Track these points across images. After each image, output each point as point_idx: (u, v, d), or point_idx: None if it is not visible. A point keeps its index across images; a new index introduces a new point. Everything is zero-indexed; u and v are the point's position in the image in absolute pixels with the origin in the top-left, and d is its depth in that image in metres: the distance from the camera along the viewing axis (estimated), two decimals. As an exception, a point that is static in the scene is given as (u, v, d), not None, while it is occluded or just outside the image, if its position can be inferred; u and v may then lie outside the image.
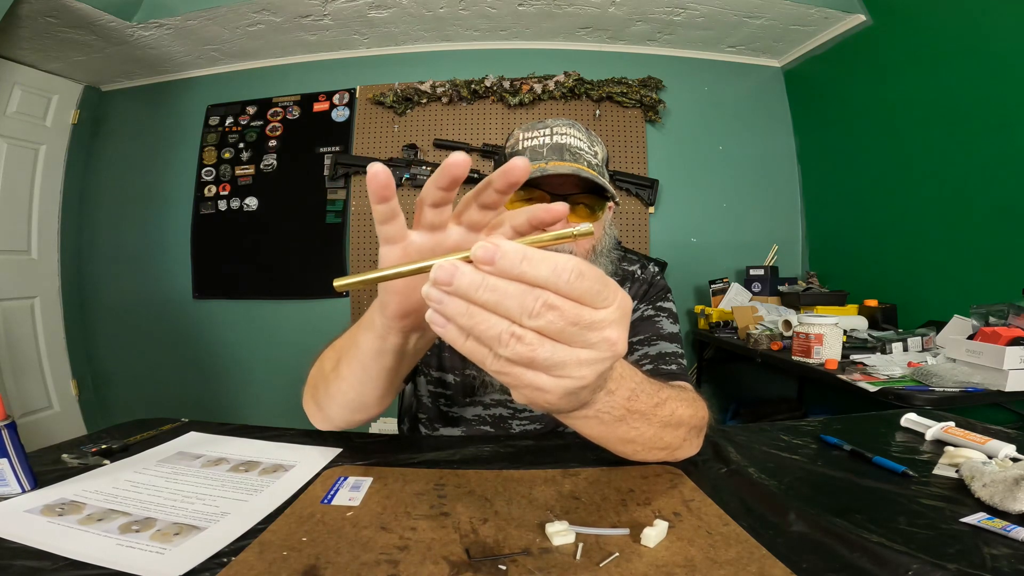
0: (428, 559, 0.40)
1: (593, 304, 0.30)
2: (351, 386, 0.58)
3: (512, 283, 0.29)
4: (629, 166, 2.64)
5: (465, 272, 0.29)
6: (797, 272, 2.71)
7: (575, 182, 0.73)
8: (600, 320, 0.30)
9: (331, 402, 0.62)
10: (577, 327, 0.30)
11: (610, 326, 0.31)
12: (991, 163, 1.74)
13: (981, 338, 1.40)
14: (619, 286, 0.32)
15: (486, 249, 0.28)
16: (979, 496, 0.50)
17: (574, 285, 0.29)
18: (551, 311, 0.29)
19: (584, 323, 0.30)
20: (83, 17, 2.11)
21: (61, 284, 2.70)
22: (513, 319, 0.29)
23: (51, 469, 0.57)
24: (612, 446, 0.54)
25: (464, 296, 0.29)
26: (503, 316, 0.29)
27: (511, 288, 0.29)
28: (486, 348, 0.30)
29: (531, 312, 0.29)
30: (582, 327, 0.30)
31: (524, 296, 0.29)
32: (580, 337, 0.30)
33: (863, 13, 2.20)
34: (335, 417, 0.63)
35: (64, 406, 2.65)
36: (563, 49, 2.67)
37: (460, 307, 0.29)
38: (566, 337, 0.30)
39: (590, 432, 0.49)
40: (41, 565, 0.39)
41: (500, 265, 0.28)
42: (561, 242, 0.33)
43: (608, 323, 0.30)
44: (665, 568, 0.39)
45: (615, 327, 0.31)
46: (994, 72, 1.71)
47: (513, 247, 0.28)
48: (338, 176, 2.63)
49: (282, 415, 2.59)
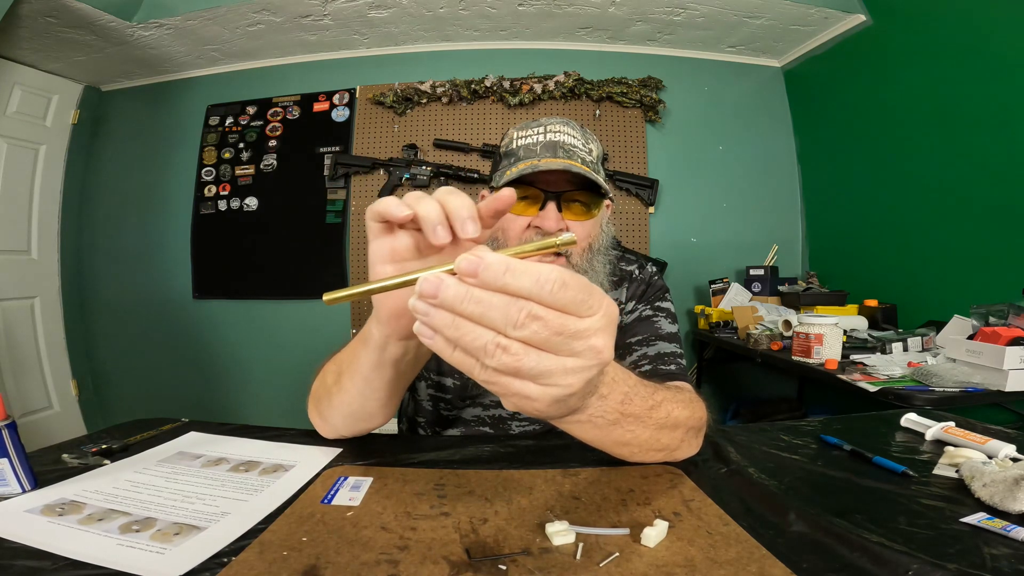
0: (428, 559, 0.40)
1: (578, 313, 0.30)
2: (353, 398, 0.59)
3: (496, 295, 0.29)
4: (629, 166, 2.64)
5: (450, 285, 0.29)
6: (797, 272, 2.71)
7: (568, 179, 0.73)
8: (585, 329, 0.30)
9: (334, 413, 0.62)
10: (562, 336, 0.30)
11: (595, 334, 0.31)
12: (991, 163, 1.74)
13: (981, 338, 1.40)
14: (604, 294, 0.32)
15: (469, 261, 0.29)
16: (979, 496, 0.50)
17: (557, 295, 0.29)
18: (535, 321, 0.29)
19: (569, 332, 0.30)
20: (83, 17, 2.11)
21: (61, 284, 2.70)
22: (498, 330, 0.30)
23: (51, 469, 0.57)
24: (608, 449, 0.54)
25: (449, 308, 0.29)
26: (488, 327, 0.30)
27: (495, 300, 0.29)
28: (473, 359, 0.31)
29: (515, 323, 0.29)
30: (567, 336, 0.30)
31: (508, 307, 0.29)
32: (566, 346, 0.31)
33: (863, 13, 2.20)
34: (340, 427, 0.64)
35: (64, 406, 2.65)
36: (563, 49, 2.67)
37: (446, 319, 0.30)
38: (552, 346, 0.30)
39: (585, 436, 0.49)
40: (41, 565, 0.39)
41: (483, 277, 0.29)
42: (544, 252, 0.33)
43: (593, 331, 0.31)
44: (665, 568, 0.39)
45: (601, 335, 0.31)
46: (994, 72, 1.71)
47: (496, 258, 0.29)
48: (338, 176, 2.63)
49: (282, 415, 2.59)
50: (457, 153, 2.61)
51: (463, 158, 2.61)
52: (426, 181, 2.57)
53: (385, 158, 2.61)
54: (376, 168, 2.61)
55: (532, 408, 0.33)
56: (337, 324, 2.64)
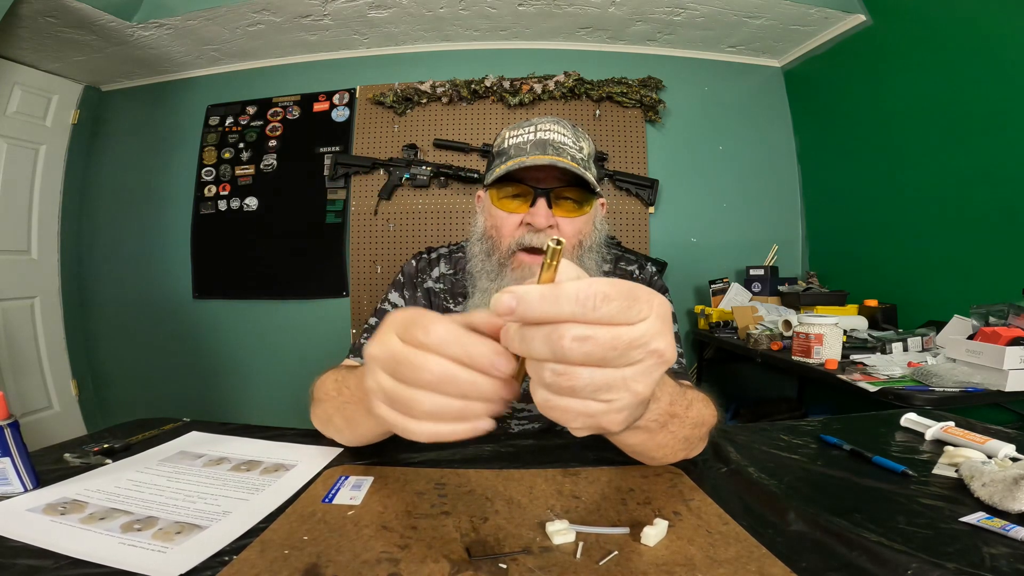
0: (429, 558, 0.40)
1: (628, 321, 0.29)
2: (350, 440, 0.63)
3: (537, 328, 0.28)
4: (629, 166, 2.64)
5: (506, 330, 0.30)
6: (797, 272, 2.71)
7: (557, 175, 0.74)
8: (640, 336, 0.29)
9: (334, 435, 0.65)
10: (617, 350, 0.29)
11: (653, 338, 0.29)
12: (991, 163, 1.74)
13: (981, 338, 1.40)
14: (652, 292, 0.30)
15: (503, 301, 0.28)
16: (978, 496, 0.50)
17: (602, 311, 0.28)
18: (584, 343, 0.28)
19: (623, 344, 0.29)
20: (83, 17, 2.11)
21: (61, 284, 2.70)
22: (547, 360, 0.29)
23: (53, 468, 0.57)
24: (648, 452, 0.54)
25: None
26: (540, 360, 0.29)
27: (536, 334, 0.28)
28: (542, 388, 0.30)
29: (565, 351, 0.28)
30: (623, 349, 0.29)
31: (549, 337, 0.28)
32: (623, 358, 0.29)
33: (863, 13, 2.20)
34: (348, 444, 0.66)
35: (64, 406, 2.65)
36: (563, 49, 2.67)
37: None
38: (608, 362, 0.29)
39: (633, 442, 0.50)
40: (43, 564, 0.39)
41: (521, 312, 0.28)
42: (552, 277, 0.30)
43: (650, 335, 0.29)
44: (665, 567, 0.39)
45: (658, 337, 0.30)
46: (994, 72, 1.71)
47: (528, 291, 0.28)
48: (338, 176, 2.63)
49: (283, 415, 2.59)
50: (457, 153, 2.61)
51: (463, 158, 2.61)
52: (426, 181, 2.57)
53: (385, 158, 2.61)
54: (376, 168, 2.61)
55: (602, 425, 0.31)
56: (337, 324, 2.64)
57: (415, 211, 2.61)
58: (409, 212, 2.61)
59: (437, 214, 2.61)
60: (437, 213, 2.61)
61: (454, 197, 2.61)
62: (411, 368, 0.31)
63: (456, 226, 2.61)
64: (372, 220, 2.62)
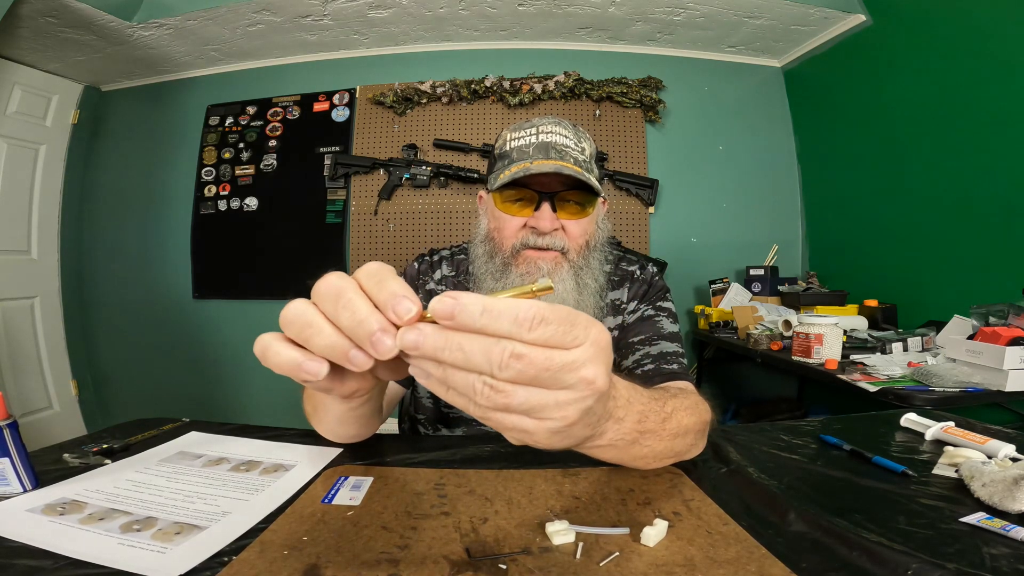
0: (428, 558, 0.40)
1: (563, 345, 0.29)
2: (333, 428, 0.61)
3: (476, 338, 0.28)
4: (629, 166, 2.64)
5: (428, 335, 0.29)
6: (797, 272, 2.71)
7: (561, 179, 0.74)
8: (572, 361, 0.30)
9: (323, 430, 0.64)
10: (550, 371, 0.29)
11: (584, 365, 0.30)
12: (991, 163, 1.74)
13: (981, 338, 1.40)
14: (592, 320, 0.31)
15: (445, 304, 0.28)
16: (978, 496, 0.50)
17: (537, 332, 0.28)
18: (519, 361, 0.28)
19: (556, 367, 0.29)
20: (83, 17, 2.11)
21: (61, 284, 2.70)
22: (484, 372, 0.29)
23: (52, 468, 0.57)
24: (626, 463, 0.55)
25: (432, 358, 0.29)
26: (474, 371, 0.29)
27: (475, 344, 0.28)
28: (466, 398, 0.30)
29: (499, 365, 0.28)
30: (555, 371, 0.29)
31: (489, 350, 0.28)
32: (555, 380, 0.30)
33: (863, 13, 2.20)
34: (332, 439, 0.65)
35: (64, 406, 2.65)
36: (563, 49, 2.67)
37: (433, 365, 0.30)
38: (541, 382, 0.30)
39: (606, 457, 0.50)
40: (42, 564, 0.39)
41: (460, 319, 0.28)
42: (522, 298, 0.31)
43: (582, 362, 0.30)
44: (665, 567, 0.39)
45: (590, 365, 0.30)
46: (994, 72, 1.71)
47: (471, 299, 0.28)
48: (338, 176, 2.63)
49: (282, 415, 2.59)
50: (457, 153, 2.61)
51: (463, 158, 2.61)
52: (426, 181, 2.57)
53: (385, 158, 2.61)
54: (376, 168, 2.61)
55: (532, 441, 0.33)
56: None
57: (415, 211, 2.61)
58: (409, 212, 2.62)
59: (437, 214, 2.61)
60: (437, 213, 2.61)
61: (454, 197, 2.61)
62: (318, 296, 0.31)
63: (456, 226, 2.61)
64: (372, 220, 2.62)
